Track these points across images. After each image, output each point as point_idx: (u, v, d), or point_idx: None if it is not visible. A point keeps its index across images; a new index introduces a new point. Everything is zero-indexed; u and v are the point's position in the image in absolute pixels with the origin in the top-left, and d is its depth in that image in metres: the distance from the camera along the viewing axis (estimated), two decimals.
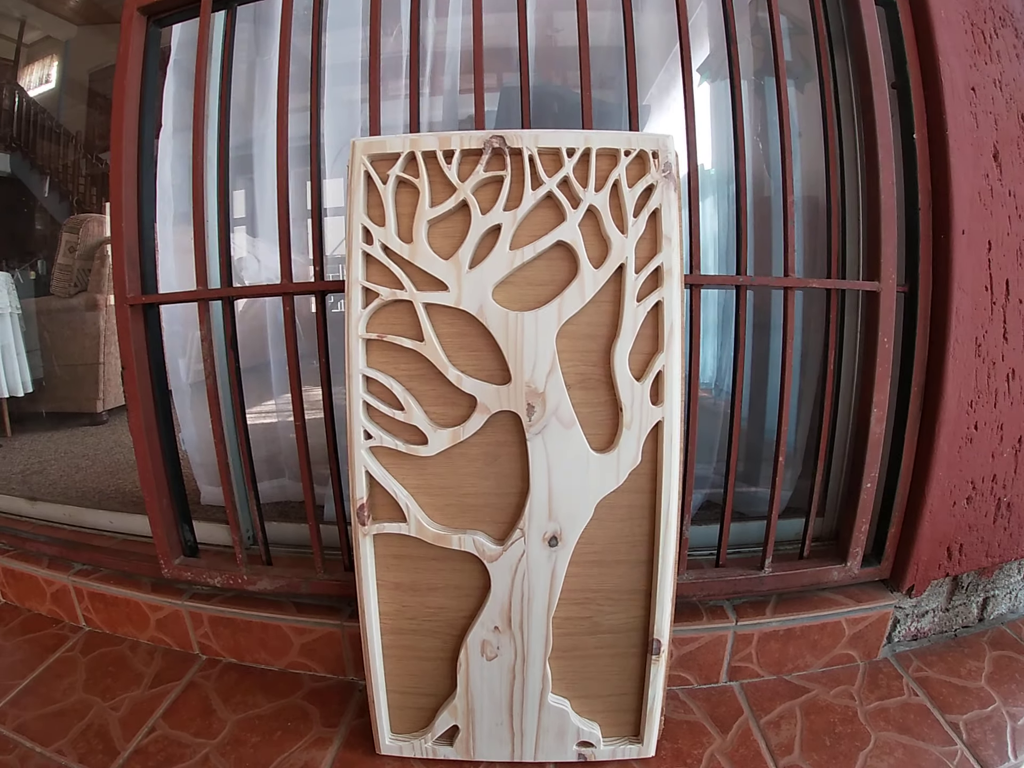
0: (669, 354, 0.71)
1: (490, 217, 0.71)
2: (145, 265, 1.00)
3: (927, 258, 0.94)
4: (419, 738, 0.83)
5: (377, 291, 0.73)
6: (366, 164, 0.73)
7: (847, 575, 0.97)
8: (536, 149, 0.71)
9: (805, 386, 1.13)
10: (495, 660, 0.78)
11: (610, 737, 0.83)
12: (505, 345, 0.71)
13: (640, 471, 0.74)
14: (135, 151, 0.99)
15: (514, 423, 0.73)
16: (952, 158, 0.92)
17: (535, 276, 0.72)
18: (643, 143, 0.71)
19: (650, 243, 0.72)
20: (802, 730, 0.89)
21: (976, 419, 0.99)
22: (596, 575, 0.77)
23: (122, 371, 1.01)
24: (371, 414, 0.75)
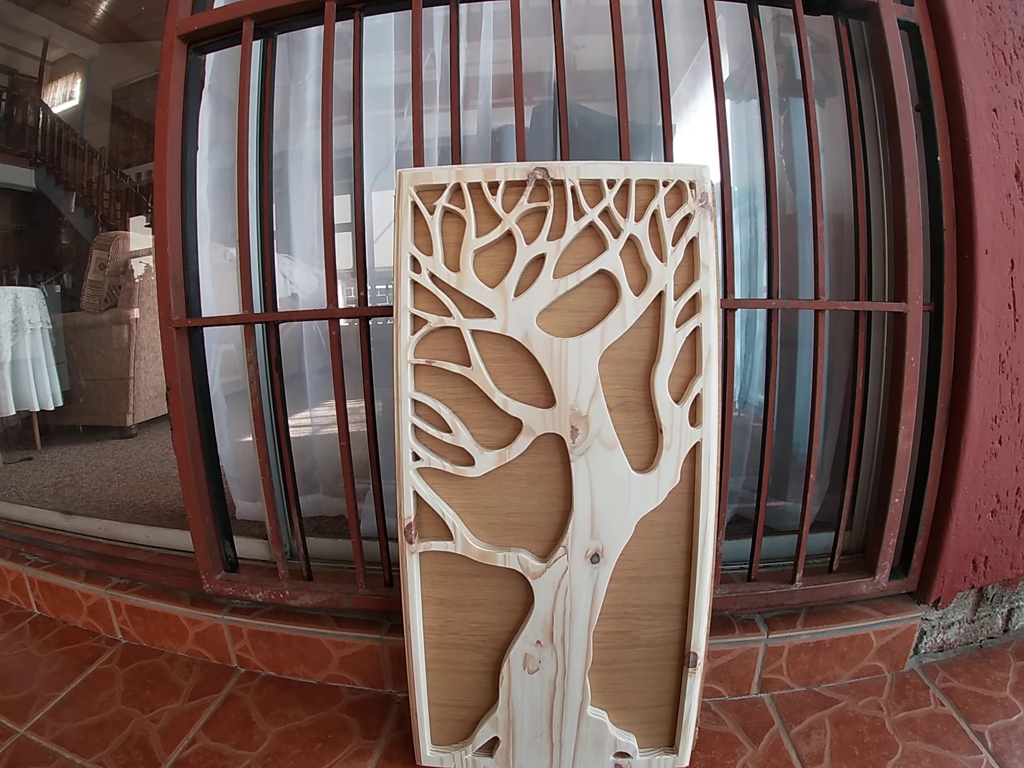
0: (707, 377, 0.74)
1: (534, 247, 0.74)
2: (189, 288, 1.03)
3: (952, 277, 0.96)
4: (459, 749, 0.86)
5: (425, 318, 0.76)
6: (413, 195, 0.76)
7: (875, 588, 0.99)
8: (578, 180, 0.74)
9: (831, 403, 1.15)
10: (536, 673, 0.80)
11: (646, 748, 0.85)
12: (550, 370, 0.74)
13: (679, 490, 0.76)
14: (178, 176, 1.02)
15: (558, 445, 0.75)
16: (975, 179, 0.94)
17: (577, 303, 0.75)
18: (680, 174, 0.74)
19: (688, 270, 0.74)
20: (831, 740, 0.91)
21: (1000, 434, 1.01)
22: (635, 590, 0.79)
23: (167, 392, 1.04)
24: (419, 436, 0.78)
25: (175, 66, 1.02)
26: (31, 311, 2.06)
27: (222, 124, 1.21)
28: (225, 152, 1.21)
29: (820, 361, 0.89)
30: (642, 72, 1.13)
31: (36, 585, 1.32)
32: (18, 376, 2.06)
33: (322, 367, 1.32)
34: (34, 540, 1.37)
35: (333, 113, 0.94)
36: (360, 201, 0.91)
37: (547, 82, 1.15)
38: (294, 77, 1.25)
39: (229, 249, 1.21)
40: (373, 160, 1.22)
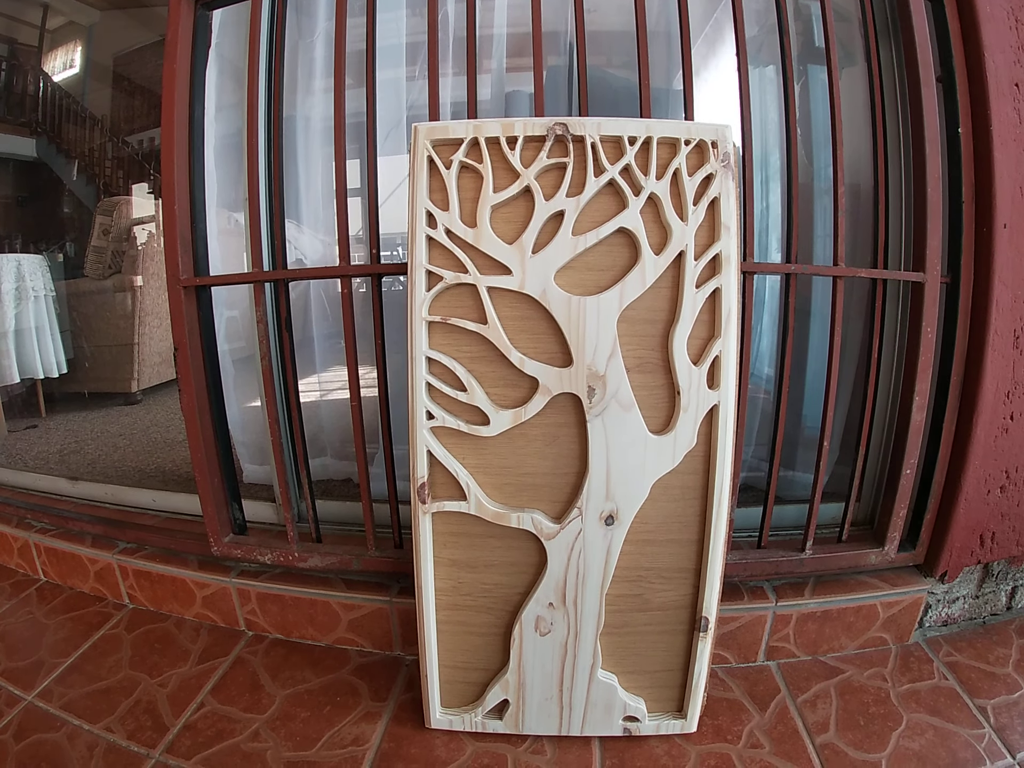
0: (726, 340, 0.73)
1: (553, 203, 0.73)
2: (197, 247, 1.02)
3: (969, 250, 0.95)
4: (469, 712, 0.86)
5: (441, 274, 0.75)
6: (429, 149, 0.75)
7: (884, 559, 1.00)
8: (598, 136, 0.73)
9: (843, 375, 1.14)
10: (548, 636, 0.81)
11: (655, 712, 0.86)
12: (567, 329, 0.73)
13: (695, 453, 0.76)
14: (186, 135, 1.00)
15: (574, 405, 0.75)
16: (996, 153, 0.93)
17: (596, 262, 0.74)
18: (703, 133, 0.73)
19: (708, 231, 0.73)
20: (837, 710, 0.92)
21: (1012, 410, 1.00)
22: (648, 553, 0.79)
23: (174, 352, 1.03)
24: (433, 395, 0.77)
25: (183, 22, 1.00)
26: (34, 278, 2.04)
27: (227, 87, 1.19)
28: (230, 116, 1.18)
29: (838, 329, 0.89)
30: (658, 34, 1.11)
31: (42, 551, 1.31)
32: (22, 344, 2.04)
33: (328, 332, 1.31)
34: (40, 507, 1.36)
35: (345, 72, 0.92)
36: (372, 156, 0.90)
37: (562, 42, 1.13)
38: (302, 35, 1.23)
39: (234, 214, 1.19)
40: (384, 124, 1.20)
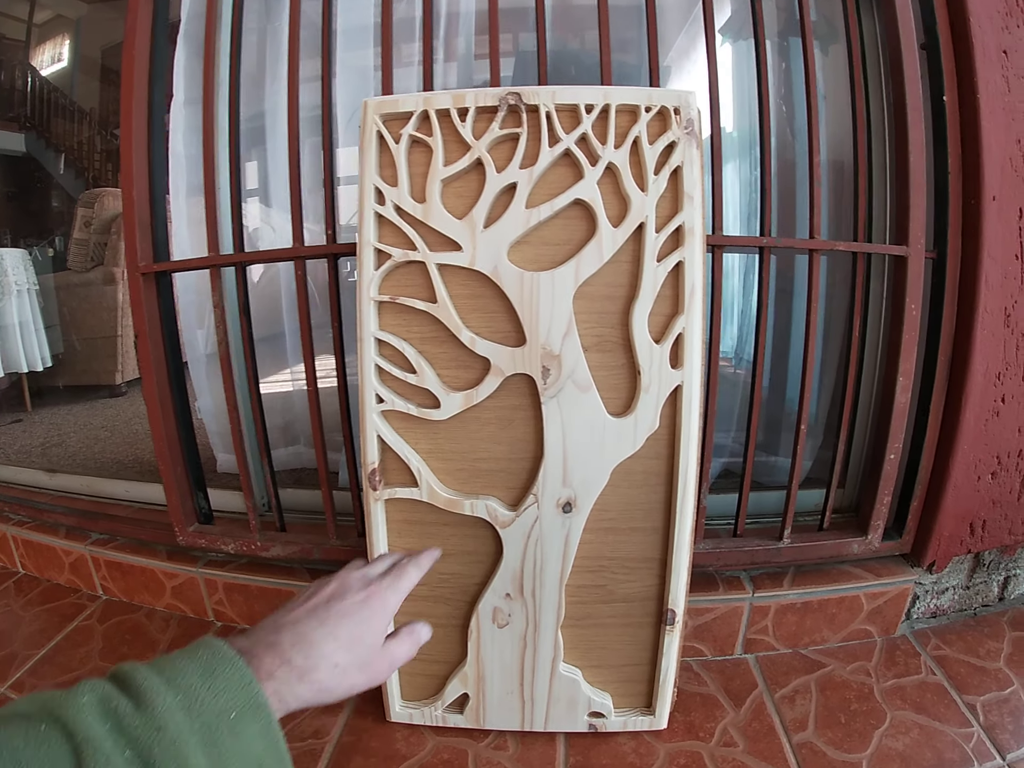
0: (690, 316, 0.69)
1: (505, 175, 0.70)
2: (157, 234, 1.00)
3: (956, 224, 0.91)
4: (429, 705, 0.83)
5: (389, 252, 0.72)
6: (378, 124, 0.71)
7: (867, 548, 0.96)
8: (553, 105, 0.69)
9: (827, 354, 1.10)
10: (506, 628, 0.77)
11: (621, 708, 0.82)
12: (520, 306, 0.70)
13: (657, 436, 0.72)
14: (145, 121, 0.98)
15: (529, 386, 0.71)
16: (983, 122, 0.88)
17: (552, 236, 0.70)
18: (664, 99, 0.69)
19: (671, 202, 0.70)
20: (817, 706, 0.88)
21: (1003, 392, 0.96)
22: (611, 542, 0.76)
23: (135, 340, 1.01)
24: (383, 378, 0.74)
25: (142, 8, 0.97)
26: (17, 273, 2.02)
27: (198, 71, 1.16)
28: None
29: (814, 306, 0.84)
30: (634, 8, 1.06)
31: (20, 544, 1.31)
32: (6, 338, 2.03)
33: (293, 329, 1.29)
34: (19, 500, 1.36)
35: (306, 55, 0.89)
36: (328, 133, 0.86)
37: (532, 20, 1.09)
38: (271, 19, 1.20)
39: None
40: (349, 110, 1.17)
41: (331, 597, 0.49)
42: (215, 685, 0.37)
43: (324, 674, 0.43)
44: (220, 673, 0.38)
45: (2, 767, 0.28)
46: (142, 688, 0.35)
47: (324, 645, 0.44)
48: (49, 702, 0.34)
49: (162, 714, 0.34)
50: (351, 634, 0.46)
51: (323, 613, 0.47)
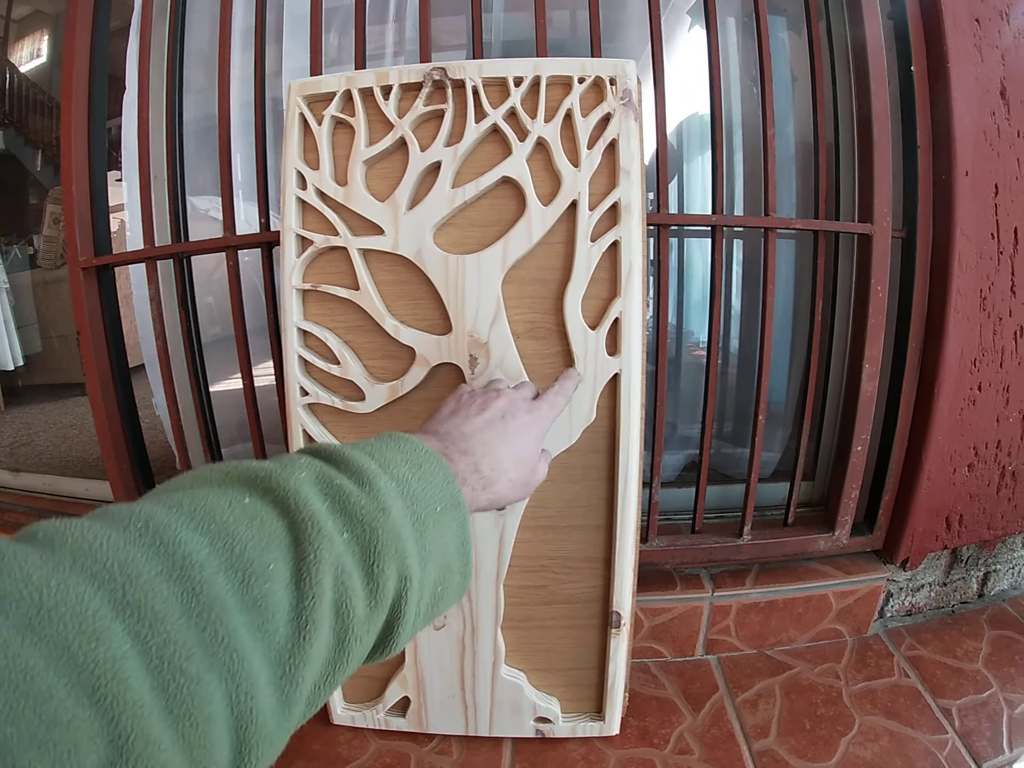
0: (627, 299, 0.65)
1: (429, 154, 0.66)
2: (98, 227, 0.97)
3: (927, 201, 0.86)
4: (371, 708, 0.80)
5: (312, 239, 0.68)
6: (301, 106, 0.68)
7: (834, 545, 0.91)
8: (480, 79, 0.65)
9: (797, 342, 1.05)
10: (443, 630, 0.74)
11: (570, 713, 0.79)
12: (445, 292, 0.66)
13: (596, 429, 0.68)
14: (85, 112, 0.95)
15: (458, 377, 0.67)
16: (954, 92, 0.83)
17: (480, 217, 0.66)
18: (599, 69, 0.64)
19: (607, 177, 0.65)
20: (781, 711, 0.84)
21: (980, 379, 0.91)
22: (551, 541, 0.72)
23: (76, 336, 0.98)
24: (308, 370, 0.70)
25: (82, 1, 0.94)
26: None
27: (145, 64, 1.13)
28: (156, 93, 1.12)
29: (771, 288, 0.79)
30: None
31: None
32: None
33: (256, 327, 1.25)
34: None
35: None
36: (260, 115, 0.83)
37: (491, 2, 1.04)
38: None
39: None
40: None
41: (505, 413, 0.49)
42: (423, 478, 0.36)
43: (502, 487, 0.45)
44: (427, 468, 0.37)
45: (211, 542, 0.26)
46: (362, 469, 0.34)
47: (506, 460, 0.45)
48: (252, 473, 0.30)
49: (385, 497, 0.33)
50: (524, 452, 0.48)
51: (502, 428, 0.47)
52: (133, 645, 0.22)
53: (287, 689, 0.26)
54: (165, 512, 0.26)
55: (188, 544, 0.25)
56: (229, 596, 0.25)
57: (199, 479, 0.31)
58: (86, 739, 0.19)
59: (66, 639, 0.20)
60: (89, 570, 0.22)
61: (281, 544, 0.28)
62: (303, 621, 0.27)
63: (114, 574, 0.23)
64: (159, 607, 0.23)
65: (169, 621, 0.23)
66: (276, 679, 0.26)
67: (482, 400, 0.51)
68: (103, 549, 0.23)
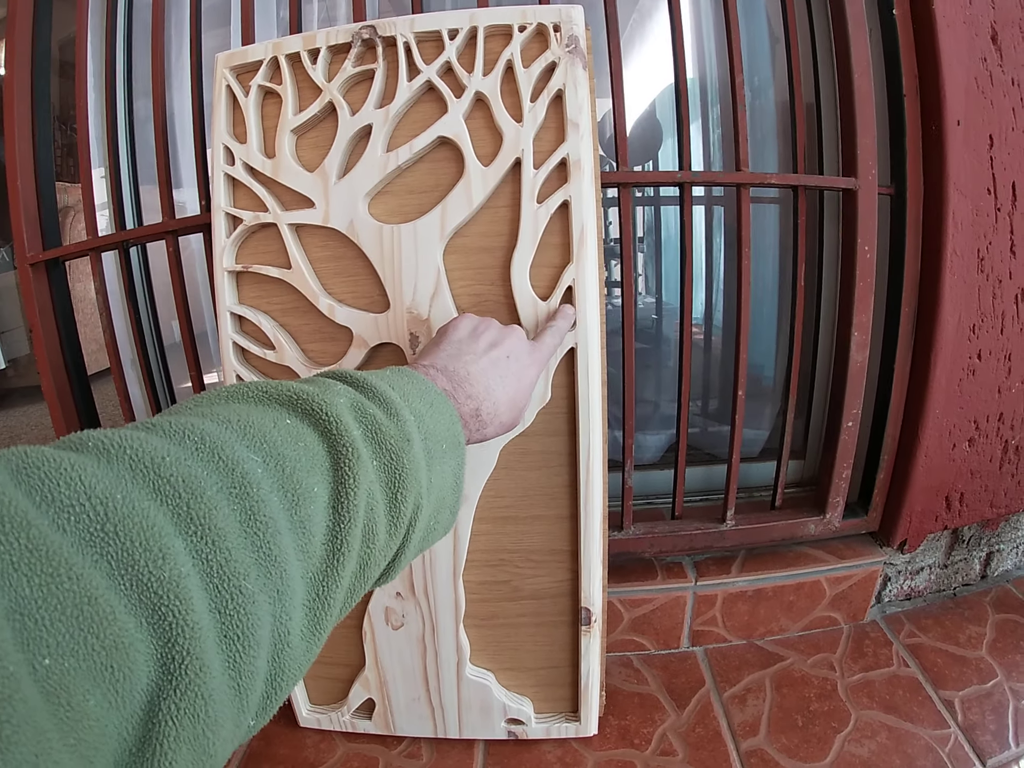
0: (580, 266, 0.59)
1: (360, 118, 0.60)
2: (45, 221, 0.93)
3: (916, 154, 0.79)
4: (337, 710, 0.76)
5: (241, 216, 0.63)
6: (228, 78, 0.63)
7: (826, 528, 0.85)
8: (412, 35, 0.60)
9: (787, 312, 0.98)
10: (402, 629, 0.69)
11: (544, 713, 0.74)
12: (380, 265, 0.61)
13: (553, 410, 0.63)
14: (28, 104, 0.91)
15: (399, 358, 0.63)
16: (940, 35, 0.76)
17: (417, 183, 0.61)
18: (541, 15, 0.59)
19: (554, 132, 0.60)
20: (771, 706, 0.79)
21: (979, 347, 0.84)
22: (511, 533, 0.67)
23: (28, 334, 0.94)
24: (246, 356, 0.66)
25: None
26: None
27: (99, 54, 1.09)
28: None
29: (745, 251, 0.73)
30: None
31: None
32: None
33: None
34: None
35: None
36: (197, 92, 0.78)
37: None
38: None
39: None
40: None
41: (510, 354, 0.49)
42: (434, 416, 0.37)
43: (492, 430, 0.45)
44: (437, 407, 0.38)
45: (264, 461, 0.26)
46: (389, 400, 0.34)
47: (502, 404, 0.45)
48: (293, 394, 0.30)
49: (409, 428, 0.34)
50: (519, 396, 0.48)
51: (504, 369, 0.47)
52: (195, 563, 0.21)
53: (318, 612, 0.26)
54: (217, 428, 0.25)
55: (245, 462, 0.25)
56: (281, 516, 0.25)
57: (236, 395, 0.30)
58: (141, 662, 0.19)
59: (132, 557, 0.19)
60: (153, 484, 0.22)
61: (322, 467, 0.28)
62: (338, 543, 0.27)
63: (178, 489, 0.22)
64: (221, 524, 0.22)
65: (230, 539, 0.22)
66: (309, 601, 0.26)
67: (490, 337, 0.49)
68: (165, 463, 0.22)
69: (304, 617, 0.25)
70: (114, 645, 0.18)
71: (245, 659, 0.22)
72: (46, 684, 0.16)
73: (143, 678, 0.19)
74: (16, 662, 0.16)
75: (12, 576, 0.17)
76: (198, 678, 0.20)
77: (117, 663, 0.18)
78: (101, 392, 2.32)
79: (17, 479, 0.19)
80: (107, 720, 0.18)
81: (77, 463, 0.20)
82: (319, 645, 0.27)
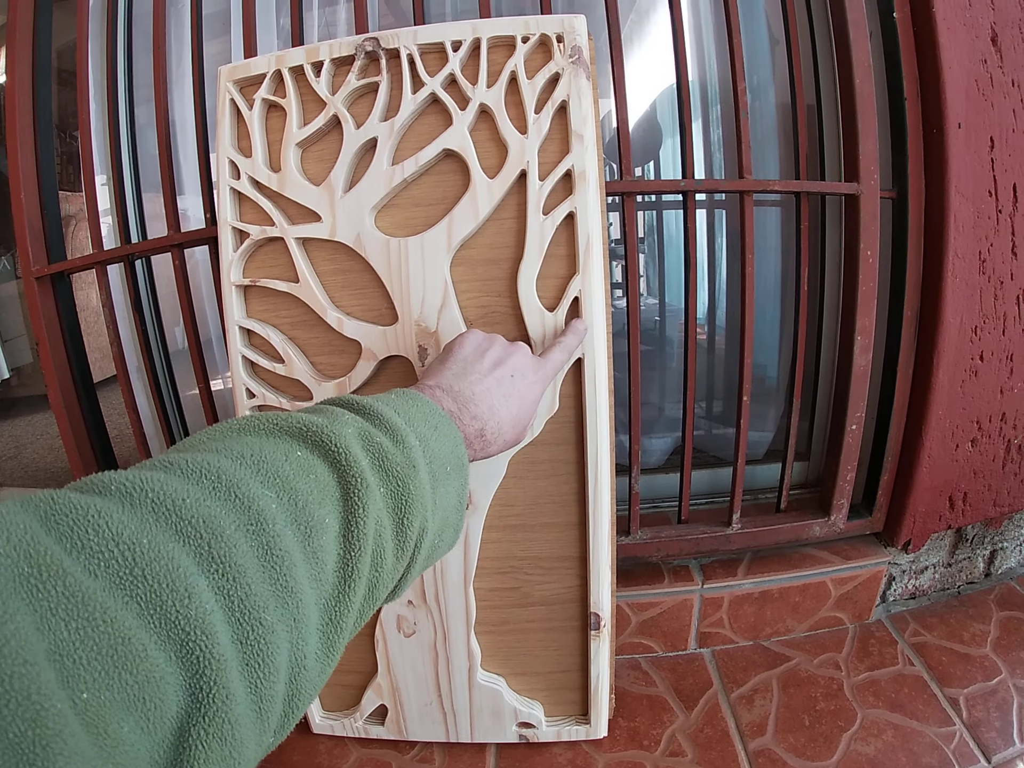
0: (587, 276, 0.60)
1: (365, 131, 0.61)
2: (50, 235, 0.93)
3: (917, 157, 0.80)
4: (349, 717, 0.77)
5: (248, 231, 0.63)
6: (232, 91, 0.63)
7: (831, 530, 0.86)
8: (416, 47, 0.60)
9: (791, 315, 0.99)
10: (413, 637, 0.70)
11: (554, 717, 0.75)
12: (388, 278, 0.61)
13: (561, 419, 0.63)
14: (30, 117, 0.91)
15: (408, 370, 0.63)
16: (941, 39, 0.77)
17: (423, 195, 0.62)
18: (544, 26, 0.59)
19: (559, 143, 0.60)
20: (778, 707, 0.80)
21: (982, 348, 0.85)
22: (521, 540, 0.68)
23: (35, 347, 0.95)
24: (255, 370, 0.66)
25: (21, 5, 0.90)
26: None
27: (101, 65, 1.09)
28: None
29: (749, 256, 0.74)
30: None
31: None
32: None
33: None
34: None
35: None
36: (200, 105, 0.78)
37: None
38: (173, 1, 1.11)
39: None
40: None
41: (515, 372, 0.49)
42: (439, 439, 0.37)
43: (495, 448, 0.46)
44: (442, 429, 0.38)
45: (278, 496, 0.27)
46: (395, 427, 0.35)
47: (506, 423, 0.46)
48: (303, 425, 0.31)
49: (415, 454, 0.34)
50: (523, 414, 0.48)
51: (508, 389, 0.47)
52: (218, 600, 0.22)
53: (332, 635, 0.27)
54: (232, 465, 0.27)
55: (260, 499, 0.26)
56: (295, 549, 0.26)
57: (248, 428, 0.31)
58: (171, 692, 0.20)
59: (160, 597, 0.21)
60: (175, 526, 0.23)
61: (332, 497, 0.29)
62: (349, 571, 0.28)
63: (199, 530, 0.23)
64: (240, 561, 0.23)
65: (249, 574, 0.23)
66: (323, 626, 0.27)
67: (495, 355, 0.49)
68: (186, 504, 0.23)
69: (319, 641, 0.27)
70: (146, 680, 0.19)
71: (266, 684, 0.23)
72: (84, 716, 0.18)
73: (173, 707, 0.20)
74: (61, 699, 0.17)
75: (51, 620, 0.18)
76: (224, 705, 0.21)
77: (149, 695, 0.19)
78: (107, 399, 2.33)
79: (47, 526, 0.20)
80: (140, 745, 0.19)
81: (103, 509, 0.21)
82: (333, 665, 0.28)
